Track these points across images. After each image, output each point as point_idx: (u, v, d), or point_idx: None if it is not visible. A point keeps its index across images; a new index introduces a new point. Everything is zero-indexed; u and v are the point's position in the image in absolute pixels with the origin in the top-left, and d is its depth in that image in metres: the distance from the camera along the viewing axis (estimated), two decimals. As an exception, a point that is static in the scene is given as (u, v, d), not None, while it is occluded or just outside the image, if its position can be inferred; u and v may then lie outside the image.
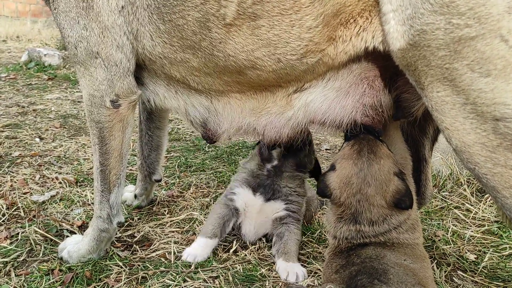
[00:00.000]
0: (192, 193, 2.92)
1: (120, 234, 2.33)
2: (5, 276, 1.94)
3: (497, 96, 1.27)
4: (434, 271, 2.05)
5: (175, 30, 1.73)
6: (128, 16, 1.77)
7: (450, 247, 2.30)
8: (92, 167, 3.12)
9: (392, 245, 1.70)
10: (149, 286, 1.90)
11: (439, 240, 2.36)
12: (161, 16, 1.72)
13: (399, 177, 1.76)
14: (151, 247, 2.23)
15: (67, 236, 2.25)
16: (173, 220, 2.52)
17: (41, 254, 2.11)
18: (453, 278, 2.03)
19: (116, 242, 2.24)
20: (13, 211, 2.49)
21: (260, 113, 1.90)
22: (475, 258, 2.20)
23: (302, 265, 2.08)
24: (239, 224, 2.27)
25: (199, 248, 2.14)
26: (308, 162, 2.29)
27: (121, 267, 2.03)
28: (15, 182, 2.86)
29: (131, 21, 1.77)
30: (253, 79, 1.80)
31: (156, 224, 2.47)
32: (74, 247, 2.08)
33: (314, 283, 1.97)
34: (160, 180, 2.68)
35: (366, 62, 1.72)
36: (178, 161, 3.50)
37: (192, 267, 2.04)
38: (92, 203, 2.61)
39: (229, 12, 1.63)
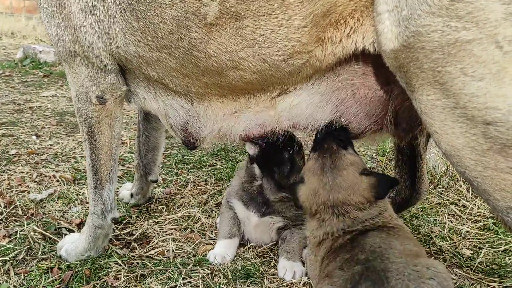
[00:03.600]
0: (189, 190, 2.93)
1: (118, 232, 2.33)
2: (4, 275, 1.94)
3: (489, 101, 1.27)
4: (431, 267, 2.06)
5: (150, 28, 1.66)
6: (99, 13, 1.71)
7: (447, 243, 2.32)
8: (90, 165, 3.13)
9: (391, 226, 1.72)
10: (148, 284, 1.91)
11: (435, 236, 2.38)
12: (134, 13, 1.65)
13: (366, 174, 1.80)
14: (149, 245, 2.24)
15: (66, 234, 2.26)
16: (171, 218, 2.53)
17: (39, 253, 2.12)
18: (450, 274, 2.05)
19: (114, 240, 2.25)
20: (11, 210, 2.49)
21: (239, 113, 1.88)
22: (471, 253, 2.22)
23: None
24: (242, 230, 2.27)
25: (224, 249, 2.13)
26: (291, 181, 2.15)
27: (120, 265, 2.04)
28: (13, 180, 2.86)
29: (102, 19, 1.71)
30: (235, 81, 1.75)
31: (154, 222, 2.48)
32: (72, 245, 2.09)
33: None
34: (156, 181, 2.69)
35: (355, 67, 1.70)
36: (175, 158, 3.51)
37: (190, 265, 2.05)
38: (90, 201, 2.61)
39: (211, 11, 1.56)
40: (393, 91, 1.72)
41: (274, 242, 2.28)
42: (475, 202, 2.75)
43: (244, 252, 2.19)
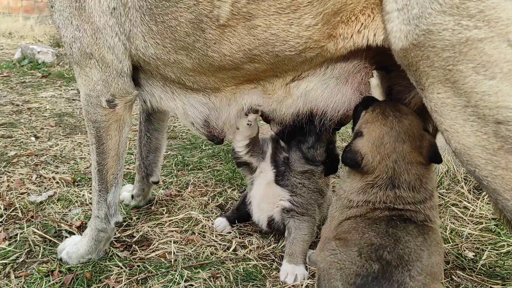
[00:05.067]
0: (190, 192, 2.92)
1: (119, 234, 2.32)
2: (5, 278, 1.93)
3: (500, 100, 1.27)
4: (434, 269, 2.06)
5: (168, 31, 1.71)
6: (120, 17, 1.74)
7: (449, 245, 2.31)
8: (89, 166, 3.12)
9: (429, 227, 1.61)
10: (150, 287, 1.90)
11: (437, 238, 2.37)
12: (153, 17, 1.70)
13: (429, 132, 1.72)
14: (150, 247, 2.23)
15: (66, 237, 2.24)
16: (172, 220, 2.52)
17: (40, 255, 2.10)
18: (452, 276, 2.05)
19: (115, 243, 2.24)
20: (10, 212, 2.48)
21: (267, 97, 1.91)
22: (473, 256, 2.22)
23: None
24: (252, 182, 2.34)
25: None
26: (318, 155, 2.21)
27: (121, 268, 2.03)
28: (12, 182, 2.84)
29: (123, 22, 1.75)
30: (250, 71, 1.80)
31: (155, 224, 2.47)
32: (73, 247, 2.07)
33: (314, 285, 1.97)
34: (157, 182, 2.68)
35: (366, 53, 1.73)
36: (175, 159, 3.49)
37: (192, 268, 2.04)
38: (91, 203, 2.60)
39: (223, 13, 1.61)
40: (391, 72, 1.76)
41: (275, 244, 2.28)
42: (477, 203, 2.75)
43: (245, 255, 2.18)
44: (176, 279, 1.94)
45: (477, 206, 2.72)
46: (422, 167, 1.65)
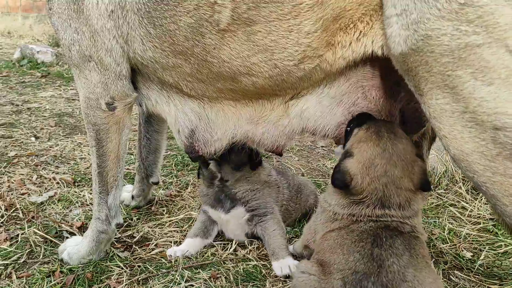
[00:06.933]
0: (190, 192, 2.93)
1: (119, 235, 2.33)
2: (6, 279, 1.94)
3: (499, 106, 1.27)
4: (432, 269, 2.08)
5: (166, 35, 1.70)
6: (118, 20, 1.74)
7: (447, 245, 2.33)
8: (89, 166, 3.13)
9: (416, 237, 1.61)
10: (151, 287, 1.91)
11: (435, 238, 2.39)
12: (152, 20, 1.69)
13: (421, 158, 1.69)
14: (151, 247, 2.24)
15: (67, 237, 2.26)
16: (172, 220, 2.53)
17: (41, 256, 2.12)
18: (450, 276, 2.06)
19: (116, 243, 2.25)
20: (11, 213, 2.49)
21: (257, 121, 1.90)
22: (471, 256, 2.23)
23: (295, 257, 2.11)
24: (218, 229, 2.39)
25: (185, 246, 2.22)
26: (243, 157, 2.28)
27: (122, 268, 2.04)
28: (13, 183, 2.86)
29: (121, 25, 1.74)
30: (248, 87, 1.78)
31: (155, 224, 2.48)
32: (74, 248, 2.09)
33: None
34: (157, 183, 2.69)
35: (364, 70, 1.72)
36: (175, 159, 3.51)
37: (192, 268, 2.06)
38: (91, 204, 2.61)
39: (223, 18, 1.60)
40: (400, 92, 1.74)
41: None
42: (475, 204, 2.76)
43: (244, 255, 2.20)
44: (177, 279, 1.96)
45: (475, 206, 2.74)
46: (411, 193, 1.64)
